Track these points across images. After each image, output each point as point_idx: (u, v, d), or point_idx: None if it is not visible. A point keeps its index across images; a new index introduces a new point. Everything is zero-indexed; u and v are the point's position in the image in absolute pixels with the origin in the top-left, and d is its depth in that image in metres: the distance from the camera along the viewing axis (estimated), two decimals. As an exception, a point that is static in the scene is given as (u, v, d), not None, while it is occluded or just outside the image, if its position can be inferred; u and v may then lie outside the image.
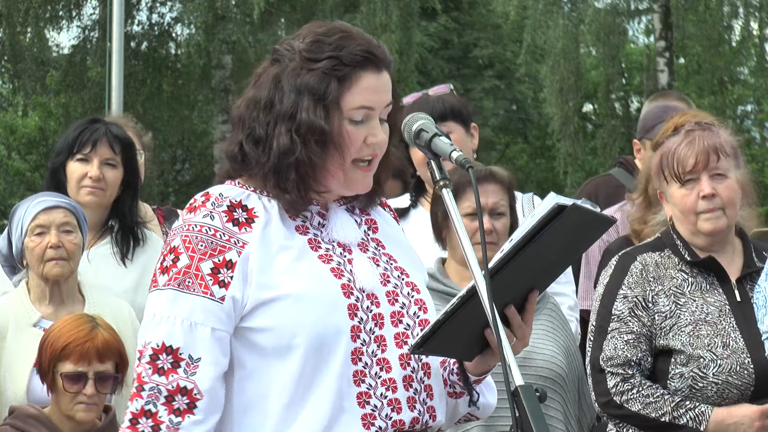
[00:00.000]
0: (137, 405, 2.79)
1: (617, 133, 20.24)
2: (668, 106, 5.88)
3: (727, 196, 4.25)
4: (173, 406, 2.78)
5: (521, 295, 2.90)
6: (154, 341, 2.82)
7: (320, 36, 2.89)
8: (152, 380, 2.80)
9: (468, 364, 2.99)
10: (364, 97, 2.87)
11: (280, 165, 2.86)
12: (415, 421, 2.89)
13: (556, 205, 2.76)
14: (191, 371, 2.80)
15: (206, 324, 2.81)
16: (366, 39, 2.92)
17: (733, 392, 4.15)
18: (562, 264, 3.07)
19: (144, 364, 2.81)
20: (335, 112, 2.86)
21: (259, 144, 2.88)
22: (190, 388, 2.79)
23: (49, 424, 4.40)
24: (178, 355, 2.80)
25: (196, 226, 2.85)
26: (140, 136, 5.85)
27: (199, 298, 2.81)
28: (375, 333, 2.88)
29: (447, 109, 5.11)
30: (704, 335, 4.17)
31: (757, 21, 20.29)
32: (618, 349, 4.21)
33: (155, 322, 2.84)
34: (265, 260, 2.85)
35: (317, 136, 2.84)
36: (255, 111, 2.89)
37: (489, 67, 28.32)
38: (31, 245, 4.76)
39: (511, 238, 2.81)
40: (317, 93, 2.84)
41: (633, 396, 4.18)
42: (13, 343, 4.68)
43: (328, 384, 2.81)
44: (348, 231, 2.98)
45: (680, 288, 4.25)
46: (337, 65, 2.85)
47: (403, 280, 2.98)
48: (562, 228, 2.79)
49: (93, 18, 21.28)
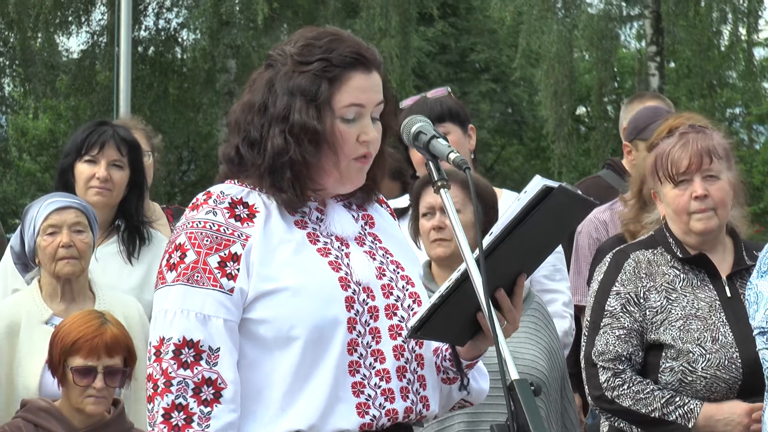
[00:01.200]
0: (168, 400, 2.81)
1: (610, 135, 20.18)
2: (658, 108, 5.93)
3: (719, 197, 4.28)
4: (201, 397, 2.81)
5: (510, 279, 2.92)
6: (175, 337, 2.83)
7: (311, 40, 2.92)
8: (179, 374, 2.82)
9: (460, 349, 3.02)
10: (354, 95, 2.90)
11: (275, 165, 2.89)
12: (408, 411, 2.93)
13: (544, 186, 2.77)
14: (213, 362, 2.83)
15: (218, 315, 2.84)
16: (355, 41, 2.95)
17: (721, 386, 4.17)
18: (547, 247, 3.06)
19: (168, 359, 2.83)
20: (327, 112, 2.89)
21: (255, 146, 2.91)
22: (215, 378, 2.82)
23: (59, 417, 4.43)
24: (199, 347, 2.82)
25: (200, 222, 2.88)
26: (150, 138, 5.92)
27: (210, 291, 2.84)
28: (370, 325, 2.91)
29: (444, 111, 5.14)
30: (694, 330, 4.19)
31: (745, 26, 20.19)
32: (609, 344, 4.22)
33: (169, 318, 2.86)
34: (266, 253, 2.88)
35: (310, 135, 2.87)
36: (250, 115, 2.92)
37: (485, 71, 28.31)
38: (43, 244, 4.78)
39: (498, 222, 2.81)
40: (309, 94, 2.87)
41: (624, 392, 4.19)
42: (25, 340, 4.72)
43: (325, 374, 2.85)
44: (345, 225, 3.01)
45: (672, 284, 4.27)
46: (328, 66, 2.88)
47: (398, 273, 3.01)
48: (549, 210, 2.80)
49: (101, 23, 21.31)
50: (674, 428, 4.16)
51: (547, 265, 4.99)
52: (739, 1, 20.07)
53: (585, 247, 5.55)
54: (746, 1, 20.08)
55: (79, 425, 4.44)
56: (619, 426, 4.27)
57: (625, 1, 21.72)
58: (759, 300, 3.88)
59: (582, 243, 5.62)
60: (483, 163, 5.93)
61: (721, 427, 4.17)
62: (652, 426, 4.19)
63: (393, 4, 19.58)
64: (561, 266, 5.20)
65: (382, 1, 19.48)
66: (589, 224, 5.61)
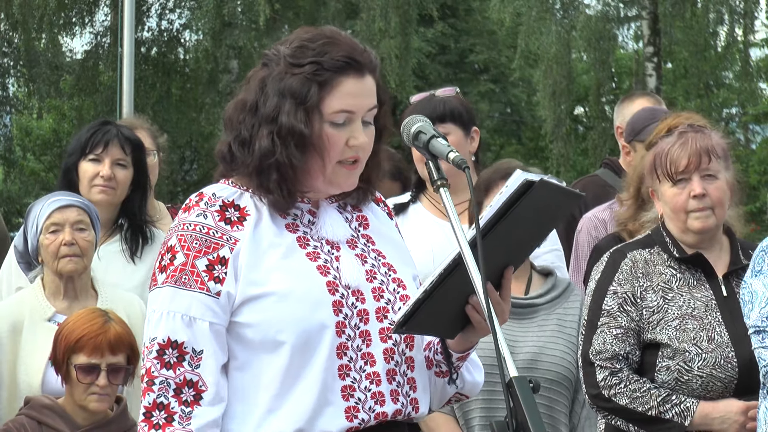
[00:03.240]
0: (149, 399, 2.83)
1: (607, 134, 20.03)
2: (655, 110, 5.92)
3: (717, 196, 4.28)
4: (182, 398, 2.82)
5: (497, 272, 2.90)
6: (160, 337, 2.85)
7: (305, 41, 2.90)
8: (161, 374, 2.83)
9: (450, 342, 3.01)
10: (344, 101, 2.87)
11: (261, 166, 2.88)
12: (397, 413, 2.92)
13: (525, 180, 2.77)
14: (195, 364, 2.83)
15: (204, 318, 2.84)
16: (350, 44, 2.91)
17: (717, 385, 4.17)
18: (535, 239, 3.07)
19: (152, 359, 2.85)
20: (315, 116, 2.86)
21: (245, 145, 2.90)
22: (196, 380, 2.83)
23: (63, 414, 4.43)
24: (182, 349, 2.83)
25: (190, 225, 2.88)
26: (155, 137, 5.91)
27: (196, 293, 2.84)
28: (360, 328, 2.90)
29: (447, 111, 5.11)
30: (690, 329, 4.18)
31: (742, 27, 20.25)
32: (607, 344, 4.22)
33: (156, 318, 2.87)
34: (255, 257, 2.87)
35: (297, 139, 2.85)
36: (242, 113, 2.92)
37: (484, 72, 28.31)
38: (45, 242, 4.79)
39: (482, 216, 2.81)
40: (298, 97, 2.86)
41: (620, 390, 4.20)
42: (28, 338, 4.73)
43: (314, 377, 2.84)
44: (337, 229, 2.99)
45: (668, 283, 4.26)
46: (318, 70, 2.86)
47: (390, 276, 2.99)
48: (532, 203, 2.79)
49: (105, 24, 21.32)
50: (671, 426, 4.17)
51: (545, 263, 5.01)
52: (735, 3, 20.10)
53: (584, 245, 5.55)
54: (742, 2, 20.11)
55: (82, 422, 4.45)
56: (616, 424, 4.28)
57: (622, 3, 21.63)
58: (753, 299, 3.89)
59: (581, 241, 5.63)
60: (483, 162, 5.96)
61: (717, 425, 4.17)
62: (649, 424, 4.19)
63: (393, 5, 19.58)
64: (560, 264, 5.20)
65: (382, 2, 19.48)
66: (589, 223, 5.62)
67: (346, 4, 20.92)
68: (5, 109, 22.84)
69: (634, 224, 4.78)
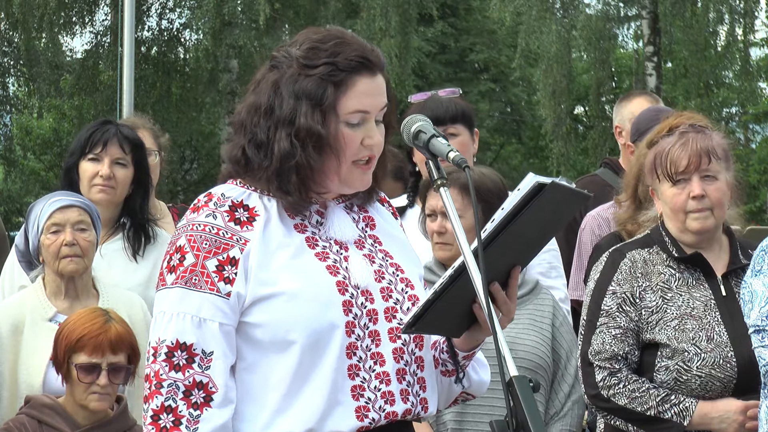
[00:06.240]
0: (157, 402, 2.81)
1: (607, 134, 20.16)
2: (660, 110, 5.89)
3: (716, 197, 4.27)
4: (191, 400, 2.80)
5: (505, 272, 2.92)
6: (168, 339, 2.83)
7: (316, 42, 2.89)
8: (170, 377, 2.81)
9: (456, 341, 3.01)
10: (359, 101, 2.88)
11: (281, 168, 2.88)
12: (407, 413, 2.92)
13: (537, 183, 2.78)
14: (205, 365, 2.82)
15: (214, 319, 2.83)
16: (360, 44, 2.92)
17: (716, 385, 4.16)
18: (542, 239, 3.07)
19: (160, 361, 2.83)
20: (332, 116, 2.86)
21: (261, 148, 2.89)
22: (206, 382, 2.81)
23: (63, 413, 4.43)
24: (192, 351, 2.82)
25: (200, 225, 2.87)
26: (157, 137, 5.90)
27: (207, 294, 2.83)
28: (369, 328, 2.90)
29: (459, 113, 5.12)
30: (689, 329, 4.18)
31: (741, 27, 20.40)
32: (606, 344, 4.22)
33: (166, 320, 2.85)
34: (264, 257, 2.86)
35: (314, 140, 2.85)
36: (256, 116, 2.90)
37: (484, 71, 28.46)
38: (46, 242, 4.78)
39: (492, 218, 2.82)
40: (314, 98, 2.85)
41: (619, 390, 4.19)
42: (29, 337, 4.72)
43: (324, 377, 2.84)
44: (345, 229, 2.99)
45: (667, 283, 4.26)
46: (333, 71, 2.86)
47: (398, 276, 3.00)
48: (542, 205, 2.81)
49: (105, 24, 21.42)
50: (670, 426, 4.17)
51: (543, 263, 5.01)
52: (735, 2, 20.21)
53: (587, 243, 5.55)
54: (742, 1, 20.23)
55: (83, 422, 4.45)
56: (615, 424, 4.28)
57: (622, 2, 21.73)
58: (753, 298, 3.88)
59: (585, 240, 5.64)
60: (482, 162, 5.99)
61: (717, 425, 4.17)
62: (648, 424, 4.20)
63: (393, 4, 19.65)
64: (557, 263, 5.20)
65: (383, 1, 19.55)
66: (592, 221, 5.63)
67: (346, 3, 20.98)
68: (5, 109, 22.92)
69: (632, 224, 4.77)
